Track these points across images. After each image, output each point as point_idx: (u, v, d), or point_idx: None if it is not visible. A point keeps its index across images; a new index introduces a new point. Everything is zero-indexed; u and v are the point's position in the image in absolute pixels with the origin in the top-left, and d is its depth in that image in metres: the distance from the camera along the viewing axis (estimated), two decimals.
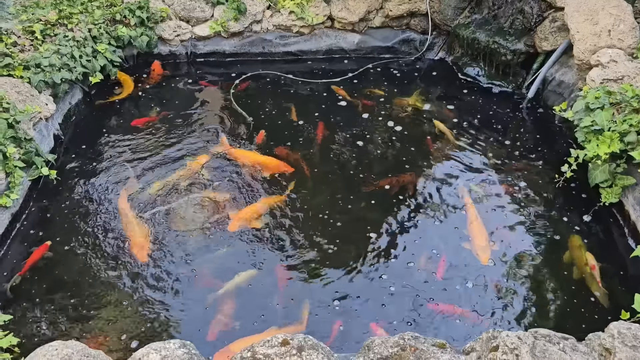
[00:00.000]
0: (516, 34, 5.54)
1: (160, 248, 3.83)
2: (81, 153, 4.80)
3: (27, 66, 4.80)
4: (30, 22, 5.26)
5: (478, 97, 5.56)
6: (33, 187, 4.29)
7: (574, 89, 4.96)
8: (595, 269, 3.54)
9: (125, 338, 3.23)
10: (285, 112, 5.35)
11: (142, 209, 4.12)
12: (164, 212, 4.09)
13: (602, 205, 3.94)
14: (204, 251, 3.82)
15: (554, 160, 4.54)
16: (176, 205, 4.15)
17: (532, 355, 2.31)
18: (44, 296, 3.50)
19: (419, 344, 2.48)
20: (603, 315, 3.27)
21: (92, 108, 5.44)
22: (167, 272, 3.66)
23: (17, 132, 4.13)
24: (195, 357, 2.47)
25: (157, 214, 4.08)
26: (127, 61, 6.04)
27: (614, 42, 4.63)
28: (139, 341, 3.20)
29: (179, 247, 3.84)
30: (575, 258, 3.67)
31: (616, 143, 3.78)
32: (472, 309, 3.39)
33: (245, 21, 6.12)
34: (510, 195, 4.28)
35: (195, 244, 3.87)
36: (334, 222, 4.03)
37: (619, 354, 2.35)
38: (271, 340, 2.45)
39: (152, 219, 4.04)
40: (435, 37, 6.30)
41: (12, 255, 3.81)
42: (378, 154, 4.76)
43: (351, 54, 6.33)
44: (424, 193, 4.33)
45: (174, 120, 5.22)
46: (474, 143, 4.88)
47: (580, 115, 4.16)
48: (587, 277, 3.53)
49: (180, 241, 3.88)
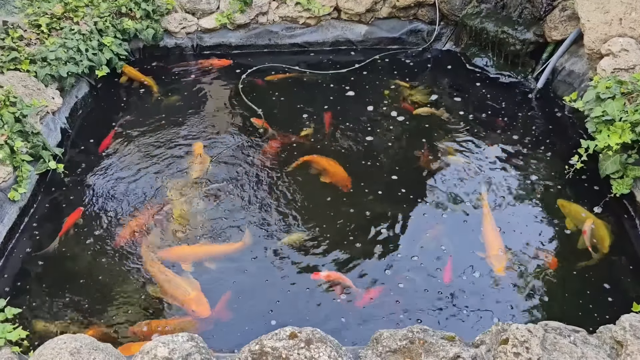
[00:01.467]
0: (525, 24, 5.46)
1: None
2: (88, 147, 4.80)
3: (34, 60, 4.80)
4: (36, 16, 5.25)
5: (486, 88, 5.50)
6: (41, 181, 4.29)
7: (584, 78, 4.90)
8: (586, 234, 3.67)
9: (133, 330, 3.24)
10: (292, 104, 5.33)
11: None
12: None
13: (613, 196, 3.89)
14: None
15: (564, 151, 4.49)
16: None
17: (543, 348, 2.29)
18: (52, 289, 3.51)
19: (428, 337, 2.46)
20: (614, 309, 3.23)
21: (99, 102, 5.44)
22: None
23: (24, 126, 4.13)
24: (203, 350, 2.46)
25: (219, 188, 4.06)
26: (133, 54, 6.03)
27: (625, 31, 4.56)
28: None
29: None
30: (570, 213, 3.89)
31: (627, 133, 3.73)
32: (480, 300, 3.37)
33: (251, 13, 6.09)
34: (519, 186, 4.24)
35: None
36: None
37: (631, 347, 2.32)
38: (279, 333, 2.44)
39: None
40: (443, 28, 6.24)
41: (20, 248, 3.82)
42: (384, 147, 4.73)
43: (358, 45, 6.28)
44: (432, 185, 4.30)
45: (180, 115, 5.22)
46: (482, 134, 4.84)
47: (591, 106, 4.10)
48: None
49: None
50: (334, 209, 4.07)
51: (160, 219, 3.93)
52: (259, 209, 4.06)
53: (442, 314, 3.31)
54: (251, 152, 4.63)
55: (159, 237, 3.82)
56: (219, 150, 4.66)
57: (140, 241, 3.78)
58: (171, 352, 2.36)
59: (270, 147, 4.14)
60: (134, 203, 4.15)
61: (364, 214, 4.01)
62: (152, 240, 3.79)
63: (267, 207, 4.08)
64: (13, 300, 3.34)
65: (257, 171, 4.42)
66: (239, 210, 4.05)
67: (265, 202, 4.12)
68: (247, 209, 4.07)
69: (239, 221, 3.95)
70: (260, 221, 3.96)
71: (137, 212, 4.03)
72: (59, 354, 2.40)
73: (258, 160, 4.43)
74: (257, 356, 2.35)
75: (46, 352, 2.44)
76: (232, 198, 4.16)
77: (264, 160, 4.36)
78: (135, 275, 3.59)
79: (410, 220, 3.97)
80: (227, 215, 4.02)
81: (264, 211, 4.05)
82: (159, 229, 3.87)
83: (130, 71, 5.70)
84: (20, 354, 2.70)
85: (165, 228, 3.89)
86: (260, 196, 4.18)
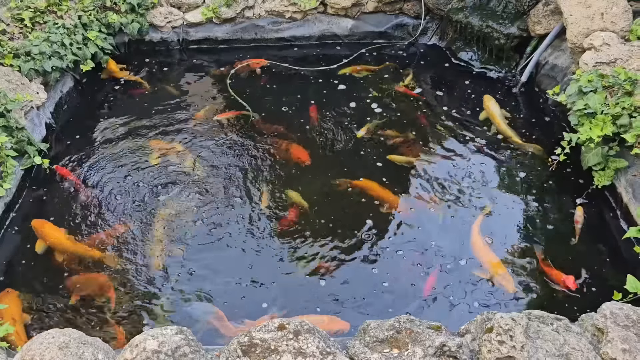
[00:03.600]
0: (509, 18, 5.52)
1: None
2: (74, 141, 4.77)
3: (17, 54, 4.75)
4: (19, 10, 5.19)
5: (471, 82, 5.55)
6: (26, 177, 4.27)
7: (567, 72, 4.96)
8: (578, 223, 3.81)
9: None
10: (283, 100, 5.34)
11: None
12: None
13: (595, 187, 3.96)
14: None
15: (548, 143, 4.55)
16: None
17: (526, 336, 2.34)
18: (42, 287, 3.51)
19: (415, 326, 2.50)
20: (595, 298, 3.30)
21: (84, 96, 5.40)
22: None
23: (9, 121, 4.10)
24: (192, 342, 2.48)
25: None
26: (119, 48, 5.99)
27: (607, 25, 4.63)
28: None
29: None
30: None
31: (609, 126, 3.80)
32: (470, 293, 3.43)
33: (237, 7, 6.06)
34: (502, 178, 4.30)
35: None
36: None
37: (611, 334, 2.38)
38: (268, 325, 2.46)
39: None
40: (428, 22, 6.27)
41: (6, 244, 3.80)
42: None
43: (344, 39, 6.30)
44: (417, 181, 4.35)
45: (167, 109, 5.21)
46: (466, 127, 4.89)
47: (574, 99, 4.16)
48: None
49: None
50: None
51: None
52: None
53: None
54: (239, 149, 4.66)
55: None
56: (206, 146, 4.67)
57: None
58: (160, 345, 2.37)
59: (290, 217, 4.08)
60: (120, 198, 4.14)
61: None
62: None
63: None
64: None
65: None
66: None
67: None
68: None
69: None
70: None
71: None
72: (48, 349, 2.40)
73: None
74: (246, 348, 2.37)
75: (34, 347, 2.44)
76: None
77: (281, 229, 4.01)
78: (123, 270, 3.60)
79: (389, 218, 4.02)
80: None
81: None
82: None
83: (113, 69, 5.66)
84: (8, 349, 2.69)
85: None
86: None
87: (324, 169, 4.42)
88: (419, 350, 2.35)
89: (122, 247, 3.76)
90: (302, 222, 3.91)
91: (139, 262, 3.66)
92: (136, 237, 3.83)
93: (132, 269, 3.61)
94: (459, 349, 2.36)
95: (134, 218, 3.97)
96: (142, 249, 3.75)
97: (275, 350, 2.32)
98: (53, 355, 2.35)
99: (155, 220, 3.93)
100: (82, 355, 2.38)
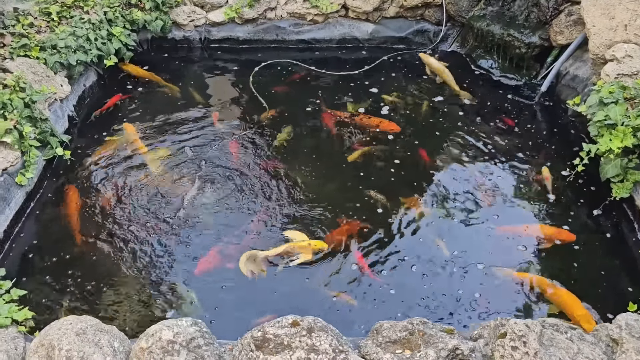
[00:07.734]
0: (531, 27, 5.51)
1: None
2: (94, 135, 4.84)
3: (44, 47, 4.84)
4: (46, 4, 5.30)
5: (491, 90, 5.54)
6: (47, 167, 4.34)
7: (587, 83, 4.94)
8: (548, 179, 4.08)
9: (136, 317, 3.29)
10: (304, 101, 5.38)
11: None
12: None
13: (613, 199, 3.93)
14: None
15: (566, 154, 4.53)
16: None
17: (540, 343, 2.34)
18: (57, 275, 3.56)
19: (427, 329, 2.51)
20: (611, 310, 3.27)
21: (106, 91, 5.48)
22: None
23: (33, 112, 4.17)
24: (207, 334, 2.51)
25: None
26: (142, 45, 6.07)
27: (630, 37, 4.60)
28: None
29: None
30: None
31: (629, 138, 3.77)
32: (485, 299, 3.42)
33: (259, 8, 6.13)
34: (520, 188, 4.29)
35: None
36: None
37: (626, 344, 2.37)
38: (281, 321, 2.49)
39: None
40: (449, 29, 6.28)
41: (26, 232, 3.87)
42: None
43: (364, 43, 6.32)
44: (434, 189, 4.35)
45: (186, 105, 5.27)
46: (485, 136, 4.88)
47: (594, 110, 4.14)
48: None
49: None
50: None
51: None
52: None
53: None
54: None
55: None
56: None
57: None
58: (175, 336, 2.41)
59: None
60: (136, 193, 4.20)
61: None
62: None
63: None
64: (18, 281, 3.39)
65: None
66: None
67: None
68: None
69: None
70: None
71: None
72: (65, 334, 2.45)
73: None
74: (259, 342, 2.40)
75: (52, 332, 2.49)
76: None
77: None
78: (134, 261, 3.65)
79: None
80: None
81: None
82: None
83: (133, 69, 5.70)
84: (26, 334, 2.75)
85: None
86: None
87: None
88: (432, 352, 2.36)
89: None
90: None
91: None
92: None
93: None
94: (472, 352, 2.37)
95: (153, 211, 4.03)
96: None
97: (289, 346, 2.35)
98: (70, 341, 2.40)
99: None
100: (99, 342, 2.43)
